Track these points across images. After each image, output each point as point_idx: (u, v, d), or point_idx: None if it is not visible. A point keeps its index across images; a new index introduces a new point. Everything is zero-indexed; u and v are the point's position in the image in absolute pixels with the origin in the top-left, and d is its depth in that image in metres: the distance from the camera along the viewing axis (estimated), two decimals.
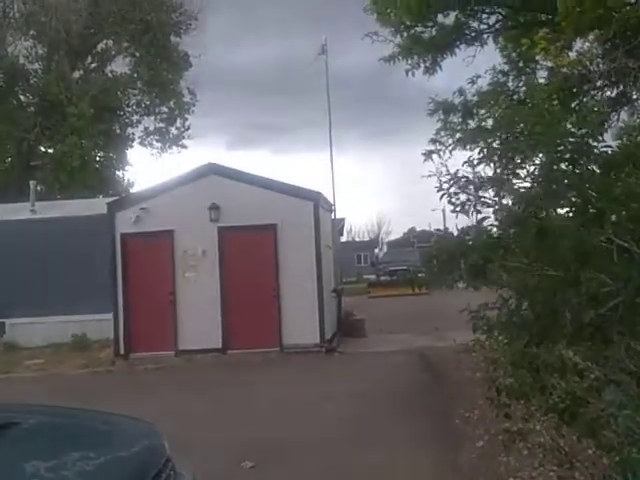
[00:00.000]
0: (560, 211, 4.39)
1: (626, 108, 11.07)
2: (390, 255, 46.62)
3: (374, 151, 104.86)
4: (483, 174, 4.73)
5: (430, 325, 15.82)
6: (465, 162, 4.73)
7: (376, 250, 62.56)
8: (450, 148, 11.34)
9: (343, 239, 42.50)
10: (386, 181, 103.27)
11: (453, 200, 4.72)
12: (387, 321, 17.74)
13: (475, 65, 12.95)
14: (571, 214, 4.25)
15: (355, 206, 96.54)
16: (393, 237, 70.95)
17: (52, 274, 16.49)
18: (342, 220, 33.20)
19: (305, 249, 13.94)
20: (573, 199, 4.17)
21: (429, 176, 5.17)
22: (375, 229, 72.85)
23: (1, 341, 15.37)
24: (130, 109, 32.44)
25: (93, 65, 32.46)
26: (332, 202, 18.41)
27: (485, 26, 12.70)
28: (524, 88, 11.56)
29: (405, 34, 12.27)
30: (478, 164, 4.75)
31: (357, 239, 67.94)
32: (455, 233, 5.51)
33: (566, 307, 3.78)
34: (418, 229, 63.93)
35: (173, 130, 32.98)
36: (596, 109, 8.73)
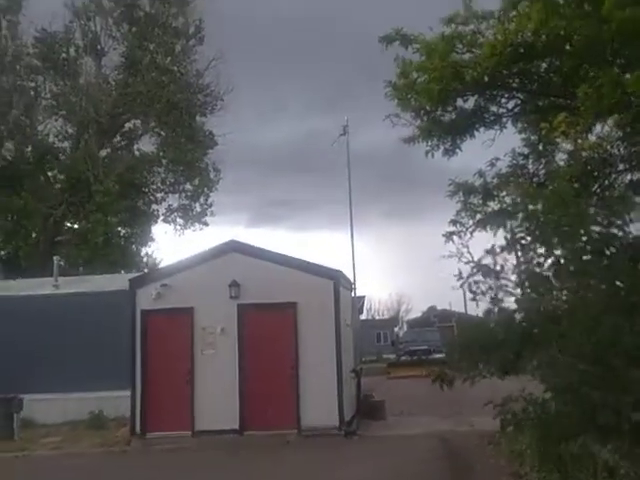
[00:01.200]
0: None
1: None
2: (410, 335, 46.07)
3: (394, 228, 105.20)
4: (505, 262, 4.68)
5: (451, 408, 15.43)
6: (488, 251, 4.70)
7: (396, 329, 61.95)
8: (470, 229, 11.33)
9: (362, 317, 42.19)
10: (406, 258, 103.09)
11: (474, 289, 4.66)
12: (407, 403, 17.35)
13: (495, 146, 13.10)
14: (603, 307, 4.17)
15: (375, 283, 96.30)
16: (413, 315, 70.30)
17: (72, 349, 16.49)
18: (362, 298, 33.10)
19: (325, 328, 13.80)
20: (602, 288, 4.10)
21: (449, 256, 5.15)
22: (395, 307, 72.34)
23: (19, 417, 15.22)
24: (155, 186, 33.04)
25: (120, 143, 33.31)
26: (352, 280, 18.35)
27: (504, 110, 12.90)
28: (544, 171, 11.63)
29: (425, 117, 12.48)
30: (501, 252, 4.71)
31: (377, 317, 67.45)
32: (476, 313, 5.42)
33: (606, 405, 3.64)
34: (439, 307, 63.33)
35: (196, 207, 33.40)
36: (618, 194, 8.71)
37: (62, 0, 30.38)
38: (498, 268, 4.69)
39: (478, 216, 12.10)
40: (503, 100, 12.77)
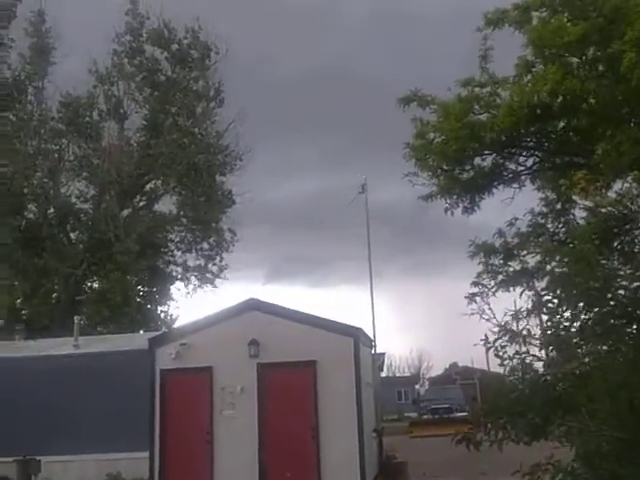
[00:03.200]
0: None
1: None
2: (432, 392, 45.38)
3: (414, 284, 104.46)
4: (531, 326, 4.67)
5: (476, 468, 15.08)
6: (513, 315, 4.70)
7: (417, 386, 61.05)
8: (493, 290, 11.28)
9: (383, 374, 41.67)
10: (427, 315, 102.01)
11: (500, 353, 4.65)
12: (430, 463, 16.99)
13: (514, 203, 13.15)
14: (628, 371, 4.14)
15: (395, 340, 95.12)
16: (434, 372, 69.25)
17: (90, 409, 16.35)
18: (382, 355, 32.67)
19: (345, 386, 13.67)
20: (631, 354, 4.07)
21: (472, 314, 5.14)
22: (416, 364, 71.42)
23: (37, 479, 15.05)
24: (174, 246, 33.29)
25: (141, 203, 33.77)
26: (372, 337, 18.23)
27: (522, 168, 12.99)
28: (564, 229, 11.64)
29: (442, 176, 12.59)
30: (527, 316, 4.71)
31: (397, 374, 66.55)
32: (499, 371, 5.37)
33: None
34: (460, 364, 62.43)
35: (212, 268, 33.46)
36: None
37: (86, 66, 31.36)
38: (524, 332, 4.67)
39: (500, 277, 12.08)
40: (521, 158, 12.88)
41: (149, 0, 31.46)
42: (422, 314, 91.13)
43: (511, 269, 11.92)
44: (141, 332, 24.60)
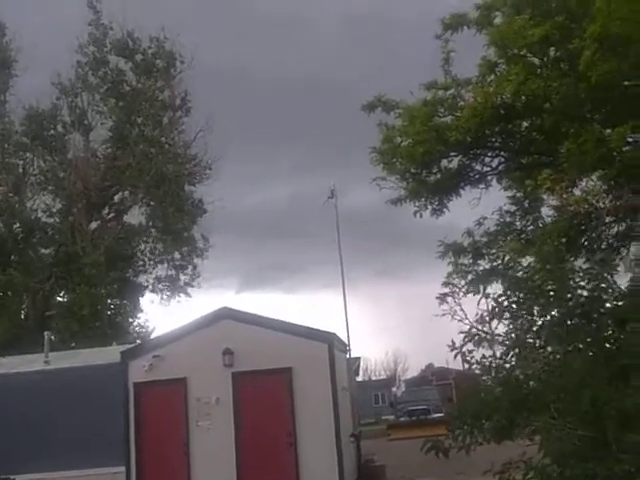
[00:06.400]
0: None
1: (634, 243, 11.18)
2: (409, 394, 45.45)
3: (387, 287, 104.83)
4: (495, 330, 4.73)
5: (452, 468, 15.16)
6: (477, 320, 4.76)
7: (394, 389, 61.18)
8: (463, 290, 11.37)
9: (359, 378, 41.72)
10: (401, 317, 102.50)
11: (468, 358, 4.70)
12: (408, 465, 17.02)
13: (482, 203, 13.28)
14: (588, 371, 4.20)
15: (370, 344, 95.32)
16: (410, 374, 69.50)
17: (63, 425, 16.09)
18: (357, 359, 32.72)
19: (321, 392, 13.66)
20: (590, 353, 4.13)
21: (443, 315, 5.20)
22: (391, 367, 71.66)
23: None
24: (144, 257, 33.01)
25: (109, 215, 33.42)
26: (346, 342, 18.26)
27: (488, 168, 13.14)
28: (532, 227, 11.77)
29: (410, 179, 12.68)
30: (491, 320, 4.77)
31: (373, 378, 66.66)
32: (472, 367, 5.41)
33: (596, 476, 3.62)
34: (436, 365, 62.73)
35: (184, 277, 33.27)
36: (605, 248, 8.83)
37: (49, 78, 30.93)
38: (489, 336, 4.73)
39: (470, 276, 12.18)
40: (487, 159, 13.03)
41: (112, 10, 31.16)
42: (396, 317, 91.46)
43: (480, 268, 12.04)
44: (114, 345, 24.29)
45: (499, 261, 10.75)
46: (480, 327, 4.84)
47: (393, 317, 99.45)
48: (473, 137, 11.76)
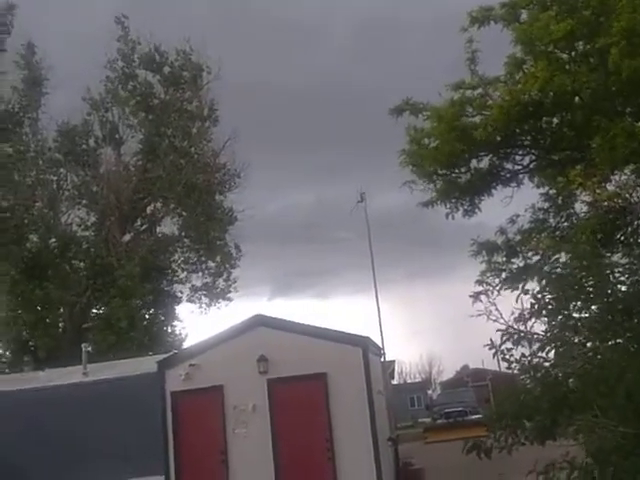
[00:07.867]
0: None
1: None
2: (444, 397, 45.12)
3: (420, 289, 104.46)
4: (534, 327, 4.64)
5: (493, 470, 14.97)
6: (517, 319, 4.68)
7: (429, 391, 60.79)
8: (497, 288, 11.25)
9: (394, 382, 41.52)
10: (434, 319, 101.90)
11: (507, 357, 4.63)
12: (447, 468, 16.86)
13: (514, 201, 13.13)
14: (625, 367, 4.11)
15: (403, 346, 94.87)
16: (445, 376, 69.11)
17: (103, 437, 16.21)
18: (392, 363, 32.59)
19: (357, 397, 13.60)
20: (632, 349, 4.05)
21: (478, 315, 5.12)
22: (426, 369, 71.24)
23: None
24: (178, 267, 33.29)
25: (142, 227, 33.79)
26: (380, 345, 18.18)
27: (519, 167, 12.99)
28: (566, 223, 11.62)
29: (440, 181, 12.60)
30: (529, 318, 4.69)
31: (409, 381, 66.33)
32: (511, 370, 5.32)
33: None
34: (471, 366, 62.16)
35: (220, 284, 33.48)
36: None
37: (80, 94, 31.47)
38: (528, 334, 4.65)
39: (503, 274, 12.04)
40: (517, 157, 12.88)
41: (139, 26, 31.61)
42: (430, 319, 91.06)
43: (514, 266, 11.89)
44: (150, 355, 24.51)
45: (534, 258, 10.62)
46: (517, 325, 4.76)
47: (426, 319, 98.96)
48: (502, 136, 11.65)
